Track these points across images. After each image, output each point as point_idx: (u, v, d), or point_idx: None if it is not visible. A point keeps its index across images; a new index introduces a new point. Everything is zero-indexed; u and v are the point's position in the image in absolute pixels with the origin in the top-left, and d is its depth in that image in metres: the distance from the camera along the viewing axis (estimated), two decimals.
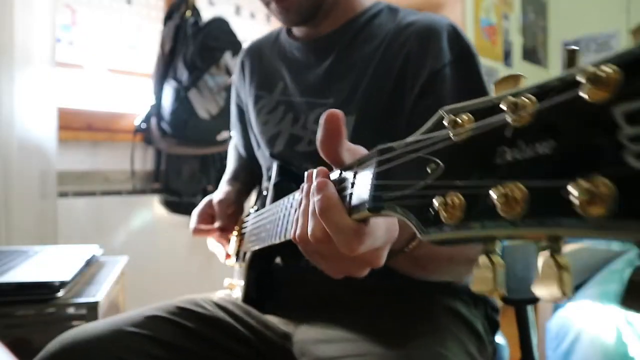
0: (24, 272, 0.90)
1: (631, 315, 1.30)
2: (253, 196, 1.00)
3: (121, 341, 0.65)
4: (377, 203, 0.35)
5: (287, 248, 0.58)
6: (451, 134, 0.28)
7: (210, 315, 0.73)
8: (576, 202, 0.20)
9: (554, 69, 3.38)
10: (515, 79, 0.26)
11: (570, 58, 0.23)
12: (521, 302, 0.86)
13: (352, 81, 0.75)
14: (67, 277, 0.87)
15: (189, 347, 0.69)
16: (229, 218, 0.89)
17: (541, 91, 0.23)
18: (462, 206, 0.26)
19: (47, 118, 1.56)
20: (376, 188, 0.36)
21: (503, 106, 0.24)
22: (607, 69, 0.20)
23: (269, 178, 0.82)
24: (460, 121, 0.27)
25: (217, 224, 0.88)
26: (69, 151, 1.74)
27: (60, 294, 0.83)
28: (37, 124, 1.53)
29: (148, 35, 2.02)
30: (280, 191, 0.73)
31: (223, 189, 0.94)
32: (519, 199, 0.23)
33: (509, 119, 0.24)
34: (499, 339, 0.82)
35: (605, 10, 3.13)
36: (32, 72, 1.50)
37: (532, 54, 3.26)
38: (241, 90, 0.97)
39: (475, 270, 0.26)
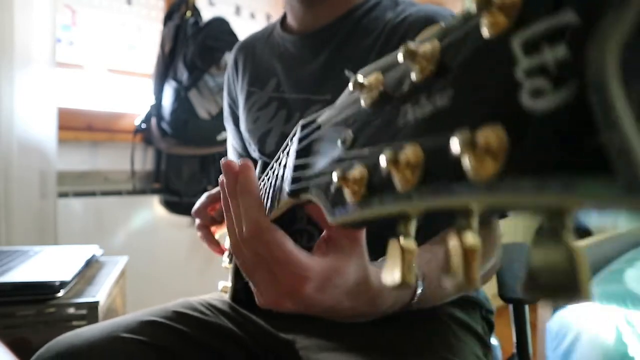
0: (24, 272, 0.90)
1: (631, 315, 1.30)
2: None
3: (117, 347, 0.64)
4: (296, 185, 0.31)
5: None
6: (361, 98, 0.24)
7: (208, 320, 0.72)
8: (464, 161, 0.15)
9: None
10: (434, 27, 0.21)
11: None
12: (519, 301, 0.86)
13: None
14: (67, 277, 0.87)
15: (186, 352, 0.67)
16: None
17: (444, 33, 0.19)
18: (364, 180, 0.22)
19: (47, 118, 1.56)
20: (296, 168, 0.32)
21: (400, 57, 0.20)
22: None
23: None
24: (367, 83, 0.23)
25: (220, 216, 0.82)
26: (69, 151, 1.74)
27: (60, 294, 0.83)
28: (37, 124, 1.53)
29: (148, 35, 2.02)
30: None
31: None
32: (413, 163, 0.18)
33: (411, 71, 0.20)
34: (492, 340, 0.83)
35: None
36: (32, 72, 1.50)
37: None
38: (234, 87, 0.93)
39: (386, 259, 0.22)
